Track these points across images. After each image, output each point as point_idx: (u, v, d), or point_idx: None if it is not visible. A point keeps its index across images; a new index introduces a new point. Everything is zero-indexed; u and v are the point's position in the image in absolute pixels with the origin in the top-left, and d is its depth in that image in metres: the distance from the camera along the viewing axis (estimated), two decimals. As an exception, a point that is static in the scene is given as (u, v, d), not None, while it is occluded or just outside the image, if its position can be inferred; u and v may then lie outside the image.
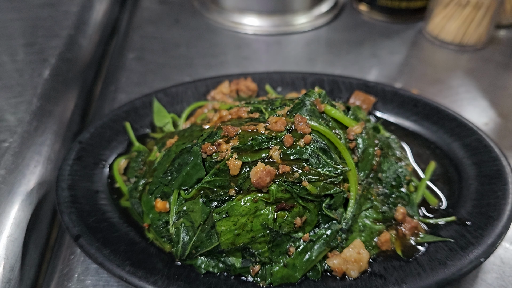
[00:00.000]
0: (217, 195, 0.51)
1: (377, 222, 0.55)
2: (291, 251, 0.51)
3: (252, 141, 0.51)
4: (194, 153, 0.53)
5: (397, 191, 0.59)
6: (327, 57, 0.98)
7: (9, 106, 0.71)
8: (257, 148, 0.51)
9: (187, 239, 0.52)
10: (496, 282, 0.54)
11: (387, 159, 0.60)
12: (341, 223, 0.53)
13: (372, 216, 0.56)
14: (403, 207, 0.57)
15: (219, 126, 0.55)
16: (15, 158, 0.63)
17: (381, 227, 0.55)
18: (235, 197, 0.50)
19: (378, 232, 0.55)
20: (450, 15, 0.95)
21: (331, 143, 0.54)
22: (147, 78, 0.90)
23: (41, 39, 0.87)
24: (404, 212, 0.56)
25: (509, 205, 0.54)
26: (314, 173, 0.50)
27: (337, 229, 0.53)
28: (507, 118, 0.80)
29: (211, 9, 1.11)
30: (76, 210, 0.55)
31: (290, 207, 0.50)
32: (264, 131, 0.52)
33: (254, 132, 0.52)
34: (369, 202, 0.56)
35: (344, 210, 0.54)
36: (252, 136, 0.51)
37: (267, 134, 0.52)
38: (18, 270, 0.55)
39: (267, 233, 0.50)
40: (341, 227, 0.53)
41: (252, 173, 0.49)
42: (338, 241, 0.53)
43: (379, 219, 0.56)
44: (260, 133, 0.52)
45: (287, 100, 0.59)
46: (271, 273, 0.51)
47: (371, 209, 0.56)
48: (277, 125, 0.52)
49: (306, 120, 0.53)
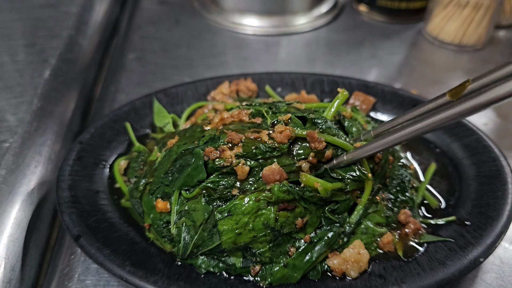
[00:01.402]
0: (219, 194, 0.51)
1: (380, 226, 0.55)
2: (291, 251, 0.51)
3: (256, 150, 0.52)
4: (196, 155, 0.53)
5: (402, 196, 0.59)
6: (327, 58, 0.98)
7: (9, 107, 0.71)
8: (260, 157, 0.52)
9: (188, 238, 0.52)
10: (495, 282, 0.54)
11: (393, 164, 0.61)
12: (344, 227, 0.53)
13: (376, 219, 0.55)
14: (405, 209, 0.57)
15: (222, 130, 0.55)
16: (15, 158, 0.63)
17: (383, 230, 0.55)
18: (237, 196, 0.51)
19: (380, 234, 0.55)
20: (450, 15, 0.95)
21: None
22: (147, 78, 0.90)
23: (41, 40, 0.87)
24: (407, 213, 0.56)
25: (508, 205, 0.54)
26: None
27: (339, 232, 0.53)
28: (506, 118, 0.80)
29: (211, 10, 1.11)
30: (77, 210, 0.55)
31: (292, 208, 0.51)
32: (268, 140, 0.52)
33: (257, 141, 0.53)
34: (374, 207, 0.56)
35: (348, 215, 0.54)
36: (255, 145, 0.52)
37: (270, 144, 0.52)
38: (19, 270, 0.55)
39: (269, 233, 0.50)
40: (344, 231, 0.53)
41: (265, 168, 0.51)
42: (339, 243, 0.53)
43: (383, 223, 0.56)
44: (264, 142, 0.52)
45: (292, 107, 0.59)
46: (271, 273, 0.51)
47: (376, 213, 0.56)
48: (281, 137, 0.53)
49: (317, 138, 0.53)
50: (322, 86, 0.77)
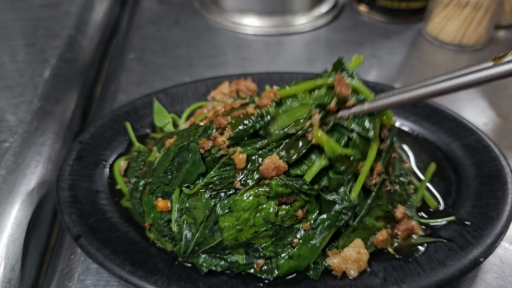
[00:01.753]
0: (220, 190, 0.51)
1: (378, 219, 0.56)
2: (294, 242, 0.51)
3: (244, 126, 0.51)
4: (192, 150, 0.53)
5: (402, 190, 0.59)
6: (327, 58, 0.98)
7: (9, 106, 0.71)
8: (251, 130, 0.51)
9: (190, 236, 0.52)
10: (495, 282, 0.54)
11: (395, 157, 0.60)
12: (344, 203, 0.52)
13: (376, 213, 0.55)
14: (403, 207, 0.57)
15: (211, 120, 0.55)
16: (15, 158, 0.63)
17: (381, 224, 0.55)
18: (238, 192, 0.51)
19: (377, 229, 0.55)
20: (450, 15, 0.95)
21: None
22: (147, 78, 0.90)
23: (41, 40, 0.87)
24: (404, 212, 0.56)
25: (508, 205, 0.54)
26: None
27: (340, 209, 0.51)
28: (506, 118, 0.80)
29: (211, 10, 1.11)
30: (77, 210, 0.55)
31: (292, 202, 0.51)
32: (254, 112, 0.52)
33: (244, 116, 0.52)
34: (378, 201, 0.55)
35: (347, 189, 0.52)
36: (242, 121, 0.51)
37: (256, 114, 0.51)
38: (19, 270, 0.55)
39: (270, 228, 0.50)
40: (345, 206, 0.52)
41: (264, 162, 0.50)
42: (344, 219, 0.52)
43: (381, 216, 0.56)
44: (250, 114, 0.51)
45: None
46: (278, 265, 0.51)
47: (377, 208, 0.56)
48: (264, 100, 0.51)
49: (345, 83, 0.51)
50: (322, 86, 0.77)
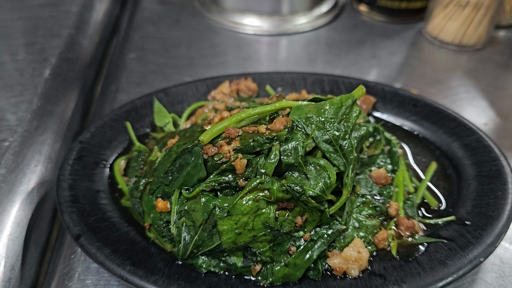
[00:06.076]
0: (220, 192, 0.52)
1: (371, 217, 0.56)
2: (292, 250, 0.51)
3: (253, 142, 0.51)
4: (195, 154, 0.53)
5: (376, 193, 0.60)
6: (327, 57, 0.98)
7: (9, 106, 0.71)
8: (258, 149, 0.51)
9: (188, 238, 0.52)
10: (495, 282, 0.54)
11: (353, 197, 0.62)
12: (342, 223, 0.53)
13: (366, 211, 0.56)
14: (395, 202, 0.58)
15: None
16: (15, 157, 0.63)
17: (375, 221, 0.55)
18: (237, 195, 0.51)
19: (374, 227, 0.55)
20: (450, 15, 0.95)
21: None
22: (147, 78, 0.90)
23: (41, 39, 0.87)
24: (397, 207, 0.57)
25: (508, 205, 0.54)
26: None
27: (340, 230, 0.53)
28: (506, 118, 0.80)
29: (211, 10, 1.11)
30: (77, 209, 0.55)
31: (292, 207, 0.51)
32: (265, 132, 0.52)
33: (255, 133, 0.53)
34: (359, 198, 0.57)
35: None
36: (253, 137, 0.52)
37: (267, 135, 0.52)
38: (19, 269, 0.55)
39: (268, 232, 0.50)
40: (345, 228, 0.54)
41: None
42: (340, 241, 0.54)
43: (373, 214, 0.56)
44: (261, 133, 0.52)
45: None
46: (272, 272, 0.51)
47: (364, 205, 0.57)
48: (276, 124, 0.53)
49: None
50: (323, 86, 0.77)
